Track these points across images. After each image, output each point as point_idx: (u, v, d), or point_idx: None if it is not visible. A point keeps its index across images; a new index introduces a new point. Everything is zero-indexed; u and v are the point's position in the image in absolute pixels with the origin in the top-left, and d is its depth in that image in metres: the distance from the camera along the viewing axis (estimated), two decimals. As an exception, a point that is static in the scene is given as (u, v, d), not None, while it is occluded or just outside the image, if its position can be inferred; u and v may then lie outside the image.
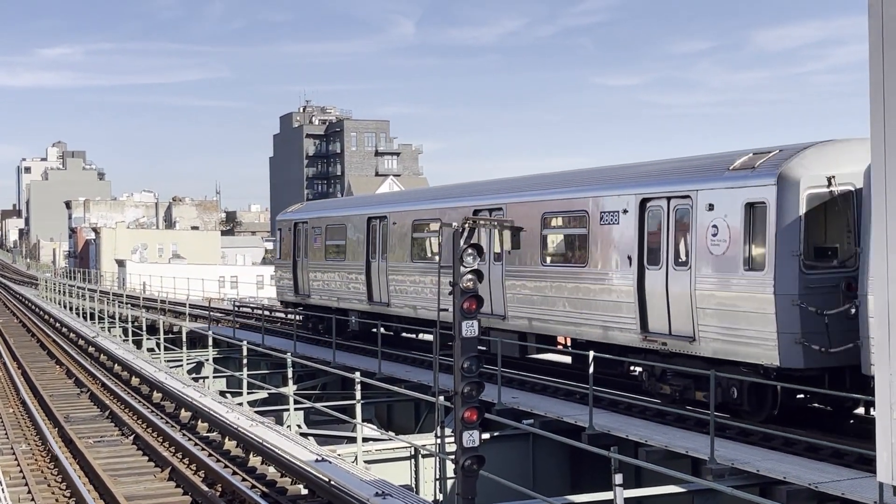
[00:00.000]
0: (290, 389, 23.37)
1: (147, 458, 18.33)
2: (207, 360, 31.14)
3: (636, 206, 18.68)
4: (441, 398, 14.55)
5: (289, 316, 38.07)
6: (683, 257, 17.63)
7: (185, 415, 22.39)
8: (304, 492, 15.33)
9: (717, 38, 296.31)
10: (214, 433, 20.20)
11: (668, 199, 18.01)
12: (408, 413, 24.70)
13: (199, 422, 21.36)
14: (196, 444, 18.96)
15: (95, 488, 15.82)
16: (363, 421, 19.17)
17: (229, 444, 18.97)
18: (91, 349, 36.36)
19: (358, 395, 18.86)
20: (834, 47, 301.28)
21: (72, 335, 41.90)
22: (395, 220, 27.68)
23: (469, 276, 11.98)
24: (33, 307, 61.07)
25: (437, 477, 15.88)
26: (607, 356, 18.74)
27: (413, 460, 18.42)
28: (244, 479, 16.04)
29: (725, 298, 16.80)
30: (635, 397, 19.35)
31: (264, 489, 15.42)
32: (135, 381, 28.14)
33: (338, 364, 26.66)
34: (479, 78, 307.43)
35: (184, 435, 19.94)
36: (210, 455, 17.96)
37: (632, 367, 19.97)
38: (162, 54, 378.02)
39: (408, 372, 25.17)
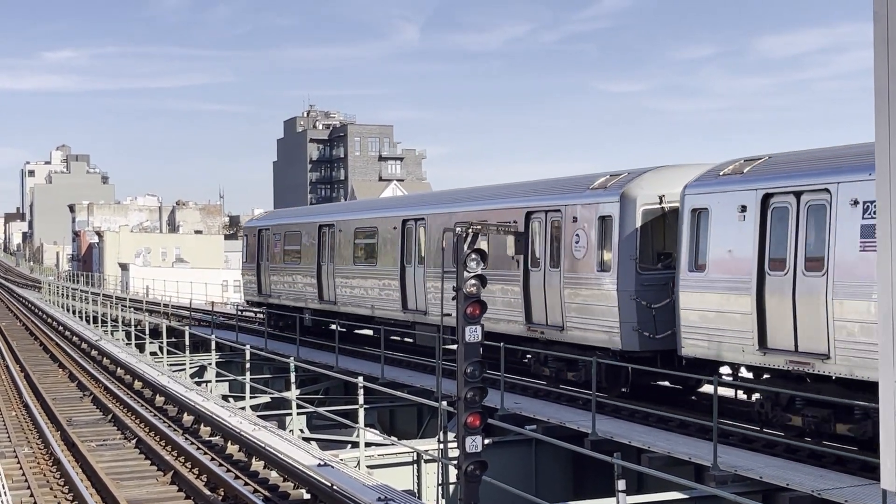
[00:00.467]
0: (292, 394, 23.37)
1: (149, 461, 18.33)
2: (210, 364, 31.16)
3: (523, 218, 22.12)
4: (444, 403, 14.55)
5: (245, 314, 41.83)
6: (556, 261, 21.08)
7: (187, 419, 22.39)
8: (307, 496, 15.31)
9: (721, 45, 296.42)
10: (217, 437, 20.20)
11: (546, 212, 21.56)
12: (410, 418, 24.69)
13: (202, 426, 21.35)
14: (198, 448, 18.96)
15: (98, 492, 15.81)
16: (366, 426, 19.17)
17: (232, 449, 18.96)
18: (94, 352, 36.38)
19: (361, 399, 18.85)
20: (838, 54, 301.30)
21: (75, 338, 41.91)
22: (340, 228, 31.20)
23: (472, 282, 11.97)
24: (36, 310, 61.08)
25: (440, 482, 15.87)
26: (494, 344, 21.44)
27: (416, 465, 18.41)
28: (246, 484, 16.03)
29: (585, 295, 20.26)
30: (637, 403, 19.37)
31: (267, 493, 15.41)
32: (137, 384, 28.15)
33: (340, 369, 26.68)
34: (484, 83, 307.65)
35: (186, 439, 19.94)
36: (212, 459, 17.96)
37: (525, 354, 23.03)
38: (167, 58, 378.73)
39: (410, 377, 25.17)
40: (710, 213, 17.25)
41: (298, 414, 23.33)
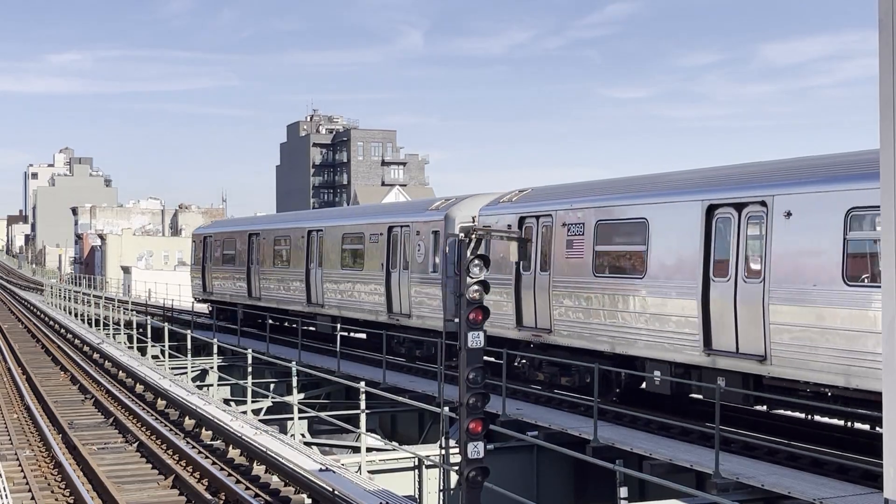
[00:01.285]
0: (294, 398, 23.37)
1: (151, 465, 18.32)
2: (212, 367, 31.16)
3: (386, 231, 28.53)
4: (446, 409, 14.54)
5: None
6: (406, 263, 27.13)
7: (189, 422, 22.38)
8: (308, 501, 15.30)
9: (725, 52, 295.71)
10: (218, 441, 20.19)
11: (401, 227, 27.80)
12: (412, 423, 24.68)
13: (203, 430, 21.35)
14: (200, 452, 18.95)
15: (99, 495, 15.81)
16: (367, 431, 19.15)
17: (233, 453, 18.96)
18: (96, 355, 36.38)
19: (362, 404, 18.85)
20: (842, 61, 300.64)
21: (77, 341, 41.92)
22: (264, 237, 37.24)
23: (475, 287, 11.96)
24: (38, 313, 61.11)
25: (441, 488, 15.85)
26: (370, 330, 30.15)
27: (417, 471, 18.39)
28: (248, 488, 16.02)
29: (423, 291, 26.46)
30: (640, 410, 19.38)
31: (268, 498, 15.40)
32: (139, 388, 28.15)
33: (342, 373, 26.68)
34: (487, 89, 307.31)
35: (188, 443, 19.93)
36: (214, 463, 17.95)
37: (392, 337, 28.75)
38: (171, 62, 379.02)
39: (412, 382, 25.17)
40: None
41: (300, 418, 23.32)
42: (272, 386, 30.11)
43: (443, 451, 14.80)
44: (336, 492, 14.63)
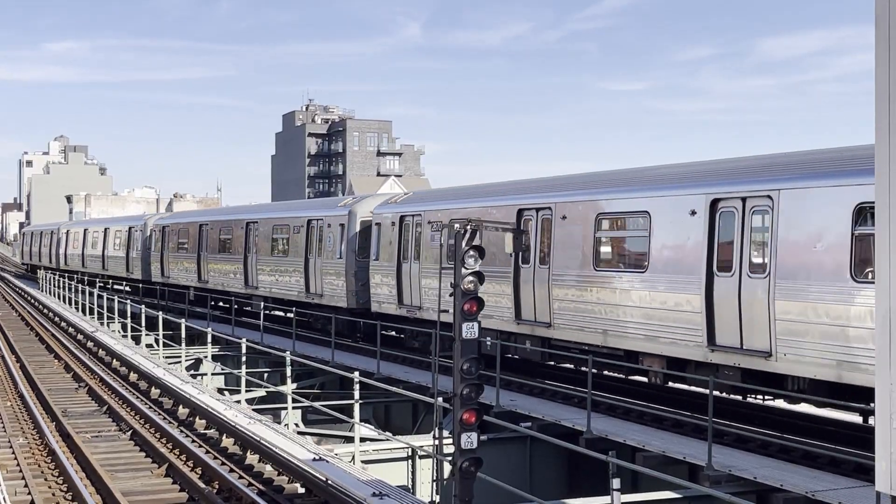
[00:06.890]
0: (288, 388, 23.37)
1: (144, 453, 18.33)
2: (206, 356, 31.15)
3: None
4: (440, 399, 14.56)
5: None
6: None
7: (182, 411, 22.39)
8: (301, 490, 15.33)
9: (722, 46, 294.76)
10: (212, 430, 20.21)
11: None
12: (406, 414, 24.70)
13: (197, 419, 21.36)
14: (193, 441, 18.97)
15: (92, 483, 15.83)
16: (361, 421, 19.18)
17: (227, 442, 18.97)
18: (90, 344, 36.36)
19: (356, 394, 18.86)
20: (839, 56, 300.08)
21: (70, 330, 41.89)
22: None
23: (470, 278, 11.95)
24: (32, 301, 61.04)
25: (435, 478, 15.87)
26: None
27: (410, 461, 18.42)
28: (241, 477, 16.04)
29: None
30: (633, 401, 19.42)
31: (261, 487, 15.43)
32: (133, 376, 28.14)
33: (336, 363, 26.68)
34: (484, 81, 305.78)
35: (181, 431, 19.95)
36: (207, 452, 17.97)
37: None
38: (168, 51, 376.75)
39: (406, 372, 25.19)
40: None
41: (294, 408, 23.34)
42: (266, 375, 30.11)
43: (436, 442, 14.82)
44: (329, 481, 14.66)
